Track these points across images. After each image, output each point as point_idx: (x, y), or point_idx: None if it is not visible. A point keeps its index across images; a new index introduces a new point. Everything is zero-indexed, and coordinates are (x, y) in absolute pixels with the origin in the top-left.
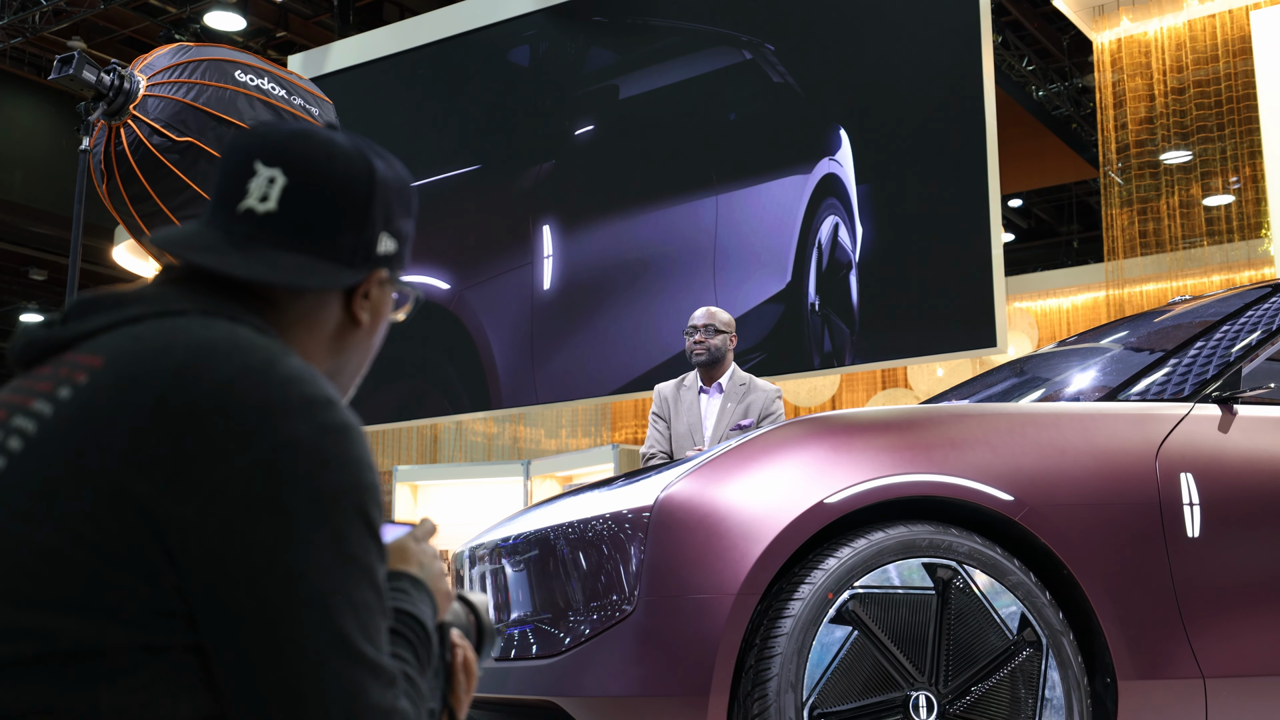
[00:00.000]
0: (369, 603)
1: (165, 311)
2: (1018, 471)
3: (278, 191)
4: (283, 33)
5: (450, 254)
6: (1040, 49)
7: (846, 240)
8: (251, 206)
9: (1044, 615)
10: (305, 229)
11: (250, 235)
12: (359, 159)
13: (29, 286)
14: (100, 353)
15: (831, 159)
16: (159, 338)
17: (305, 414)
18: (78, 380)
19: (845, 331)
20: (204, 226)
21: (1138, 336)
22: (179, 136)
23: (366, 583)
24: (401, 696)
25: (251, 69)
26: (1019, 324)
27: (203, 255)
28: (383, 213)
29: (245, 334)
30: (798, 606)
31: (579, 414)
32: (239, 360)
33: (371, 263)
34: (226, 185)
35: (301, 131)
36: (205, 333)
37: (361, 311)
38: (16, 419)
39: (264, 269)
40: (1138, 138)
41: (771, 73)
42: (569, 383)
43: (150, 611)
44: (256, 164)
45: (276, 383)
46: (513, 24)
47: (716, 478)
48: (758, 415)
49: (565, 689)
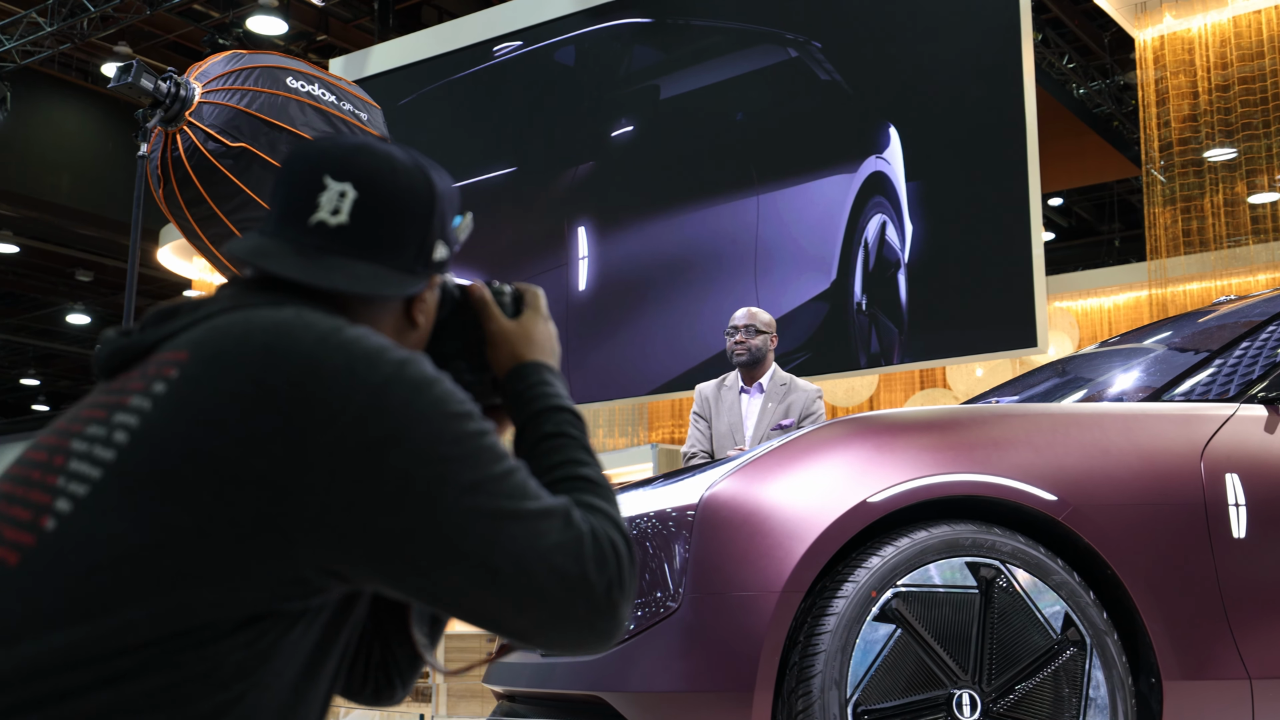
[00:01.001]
0: (505, 470)
1: (235, 307)
2: (1061, 471)
3: (349, 205)
4: (323, 36)
5: (486, 256)
6: (1081, 46)
7: (895, 239)
8: (324, 219)
9: (1088, 615)
10: (375, 240)
11: (322, 247)
12: (419, 172)
13: (75, 288)
14: (183, 348)
15: (879, 157)
16: (235, 326)
17: (382, 358)
18: (169, 375)
19: (894, 331)
20: (272, 239)
21: (1182, 337)
22: (233, 142)
23: (493, 457)
24: (582, 509)
25: (302, 75)
26: (1060, 324)
27: (278, 265)
28: (440, 222)
29: (309, 312)
30: (842, 604)
31: (616, 414)
32: (313, 332)
33: (430, 269)
34: (295, 198)
35: (363, 146)
36: (276, 314)
37: (419, 315)
38: (118, 415)
39: (340, 279)
40: (1181, 135)
41: (819, 70)
42: (605, 383)
43: (279, 579)
44: (326, 178)
45: (350, 341)
46: (552, 25)
47: (760, 477)
48: (798, 415)
49: (611, 684)
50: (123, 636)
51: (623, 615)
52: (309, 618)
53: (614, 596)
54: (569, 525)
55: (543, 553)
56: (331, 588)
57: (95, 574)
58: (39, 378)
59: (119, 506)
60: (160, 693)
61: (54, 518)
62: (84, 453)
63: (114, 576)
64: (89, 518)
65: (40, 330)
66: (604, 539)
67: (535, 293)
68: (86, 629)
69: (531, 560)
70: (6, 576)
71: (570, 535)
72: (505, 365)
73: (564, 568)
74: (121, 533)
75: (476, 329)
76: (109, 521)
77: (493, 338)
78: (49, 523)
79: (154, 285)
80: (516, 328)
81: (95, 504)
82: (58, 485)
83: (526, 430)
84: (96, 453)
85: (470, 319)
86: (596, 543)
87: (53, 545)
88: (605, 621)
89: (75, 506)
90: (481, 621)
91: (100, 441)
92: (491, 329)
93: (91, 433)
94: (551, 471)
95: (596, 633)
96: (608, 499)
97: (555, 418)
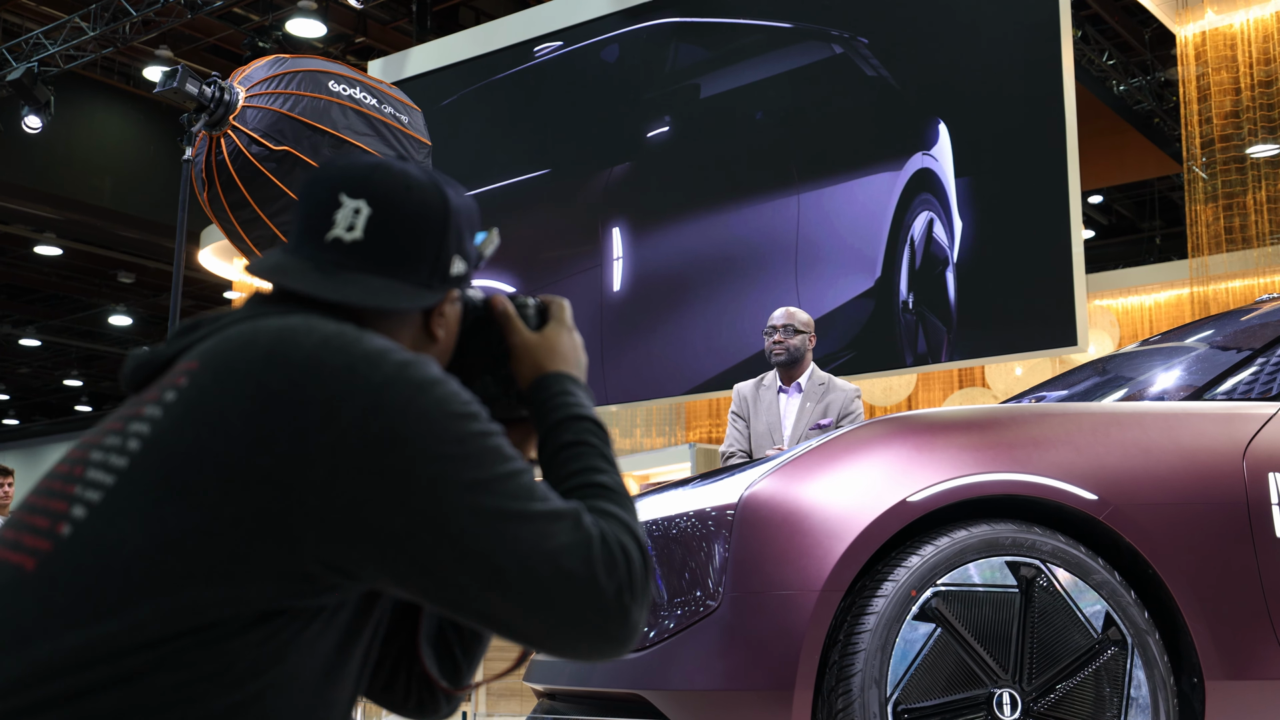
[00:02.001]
0: (511, 470)
1: (249, 317)
2: (1101, 471)
3: (363, 221)
4: (361, 38)
5: (520, 257)
6: (1121, 43)
7: (943, 236)
8: (339, 235)
9: (1129, 614)
10: (389, 255)
11: (338, 262)
12: (434, 189)
13: (118, 289)
14: (195, 357)
15: (926, 154)
16: (244, 334)
17: (385, 358)
18: (179, 383)
19: (941, 330)
20: (292, 255)
21: (1224, 335)
22: (276, 145)
23: (498, 457)
24: (594, 514)
25: (344, 79)
26: (1100, 322)
27: (295, 280)
28: (455, 237)
29: (317, 318)
30: (881, 603)
31: (653, 413)
32: (317, 335)
33: (447, 284)
34: (313, 216)
35: (380, 164)
36: (283, 321)
37: (438, 328)
38: (133, 425)
39: (355, 292)
40: (1223, 132)
41: (865, 66)
42: (643, 383)
43: (286, 576)
44: (341, 196)
45: (353, 342)
46: (591, 26)
47: (800, 476)
48: (837, 415)
49: (651, 682)
50: (134, 636)
51: (636, 620)
52: (324, 617)
53: (624, 600)
54: (578, 528)
55: (549, 554)
56: (342, 585)
57: (107, 576)
58: (82, 378)
59: (130, 511)
60: (173, 691)
61: (70, 524)
62: (100, 462)
63: (125, 578)
64: (102, 523)
65: (83, 332)
66: (614, 543)
67: (560, 304)
68: (98, 629)
69: (537, 561)
70: (23, 581)
71: (578, 538)
72: (528, 377)
73: (572, 570)
74: (132, 535)
75: (501, 342)
76: (120, 525)
77: (516, 350)
78: (65, 529)
79: (196, 286)
80: (539, 340)
81: (108, 509)
82: (75, 494)
83: (547, 440)
84: (111, 461)
85: (494, 332)
86: (606, 546)
87: (67, 550)
88: (617, 626)
89: (90, 512)
90: (493, 625)
91: (115, 450)
92: (514, 341)
93: (109, 443)
94: (568, 479)
95: (609, 637)
96: (623, 505)
97: (575, 426)
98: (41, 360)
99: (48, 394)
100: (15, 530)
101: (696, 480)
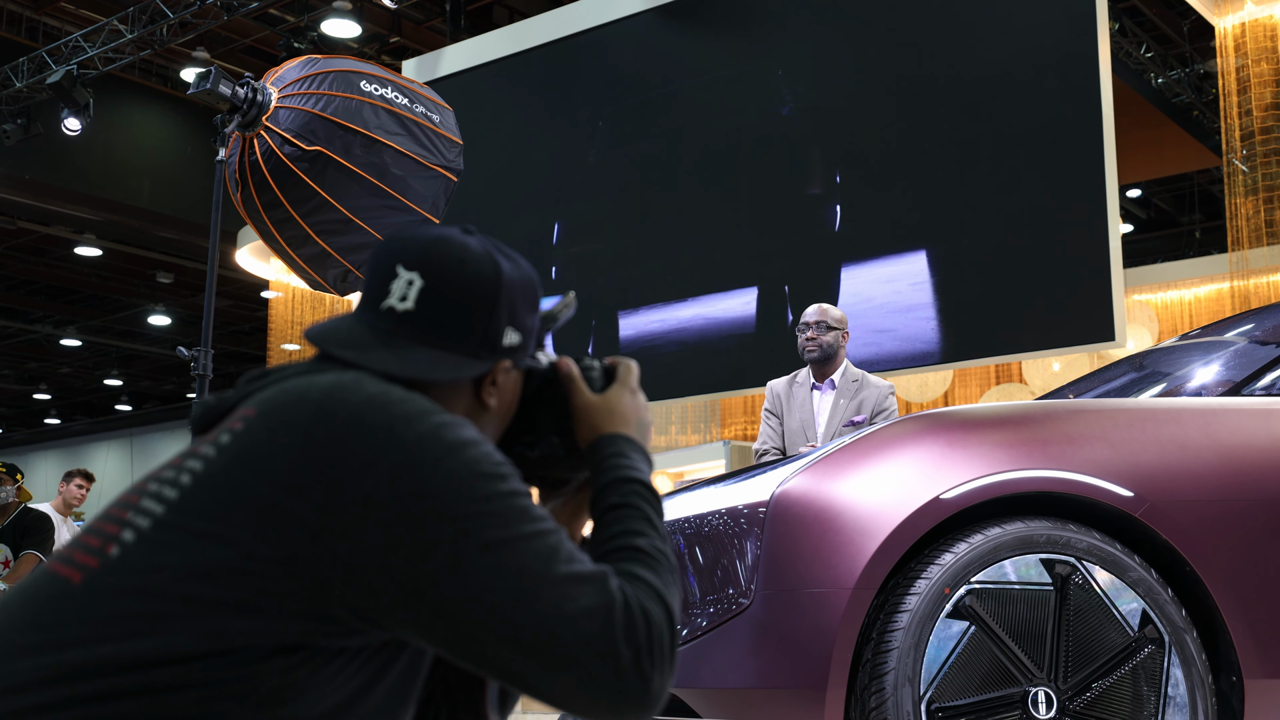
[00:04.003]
0: (536, 531)
1: (308, 372)
2: (1138, 467)
3: (415, 292)
4: (396, 38)
5: (553, 254)
6: (1159, 35)
7: (965, 233)
8: (392, 305)
9: (1166, 612)
10: (438, 326)
11: (391, 331)
12: (488, 263)
13: (156, 289)
14: (254, 405)
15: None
16: (299, 388)
17: (423, 418)
18: (235, 428)
19: (965, 325)
20: (353, 321)
21: (1264, 329)
22: (308, 146)
23: (524, 518)
24: (623, 578)
25: (376, 79)
26: (1138, 317)
27: (345, 350)
28: (507, 310)
29: (369, 378)
30: (914, 601)
31: (688, 411)
32: (364, 393)
33: (497, 355)
34: (373, 284)
35: (439, 238)
36: (337, 378)
37: (489, 397)
38: (189, 462)
39: (396, 363)
40: (1263, 124)
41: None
42: (680, 378)
43: (311, 616)
44: (398, 267)
45: (395, 402)
46: (623, 24)
47: (832, 473)
48: (870, 411)
49: (683, 680)
50: (162, 652)
51: (657, 687)
52: (347, 656)
53: (643, 667)
54: (601, 592)
55: (569, 617)
56: (367, 631)
57: (144, 597)
58: (121, 378)
59: (173, 540)
60: (196, 705)
61: (118, 545)
62: (155, 492)
63: (161, 601)
64: (146, 547)
65: (122, 332)
66: (636, 609)
67: (627, 366)
68: (131, 644)
69: (555, 623)
70: (69, 593)
71: (599, 602)
72: (587, 438)
73: (590, 634)
74: (171, 562)
75: (566, 404)
76: (163, 552)
77: (577, 412)
78: (113, 550)
79: (232, 286)
80: (601, 402)
81: (154, 536)
82: (127, 519)
83: (596, 501)
84: (165, 493)
85: (560, 394)
86: (628, 612)
87: (112, 570)
88: (636, 692)
89: (137, 537)
90: (514, 683)
91: (170, 483)
92: (577, 403)
93: (165, 475)
94: (608, 541)
95: (627, 702)
96: (657, 570)
97: (623, 488)
98: (82, 360)
99: (88, 394)
100: (71, 548)
101: (729, 478)
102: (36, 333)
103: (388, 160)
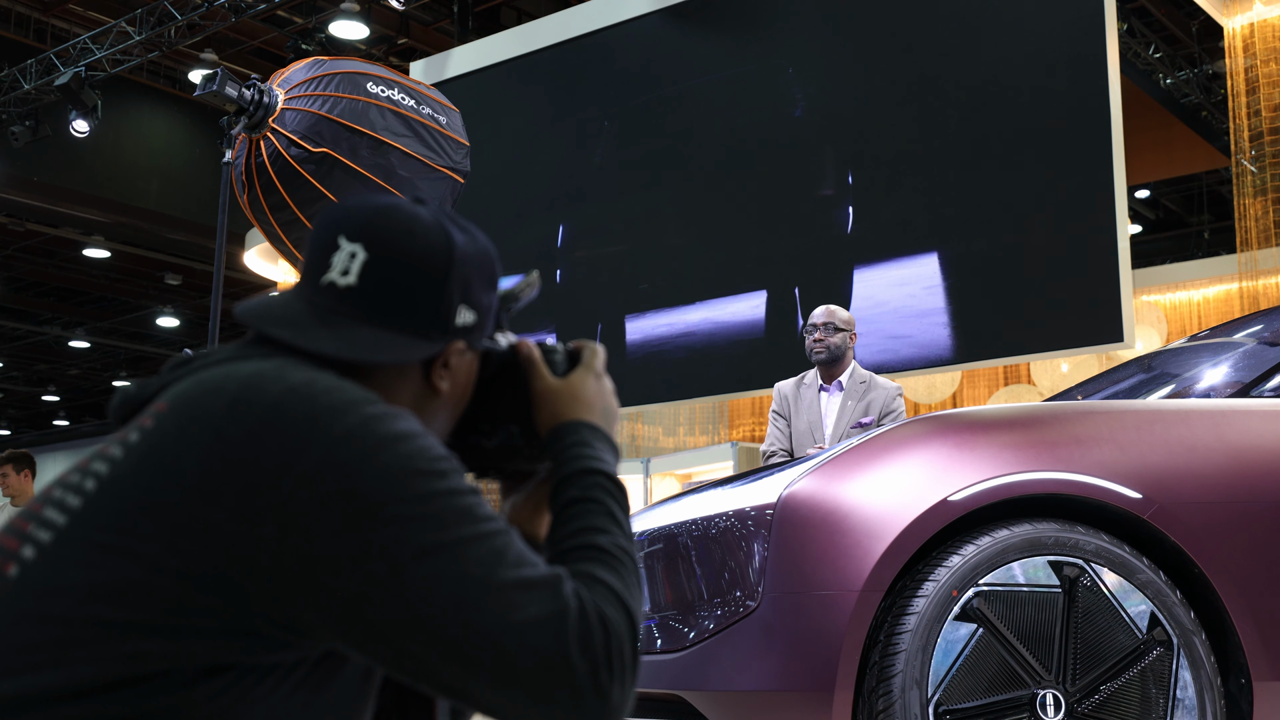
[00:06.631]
0: (478, 533)
1: (229, 359)
2: (1146, 469)
3: (358, 266)
4: (404, 39)
5: (559, 257)
6: (1168, 35)
7: (975, 233)
8: (333, 280)
9: (1174, 614)
10: (383, 303)
11: (331, 308)
12: (439, 234)
13: (164, 291)
14: (166, 399)
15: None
16: (215, 379)
17: (351, 410)
18: (145, 425)
19: (972, 327)
20: (291, 298)
21: (1272, 330)
22: (314, 147)
23: (465, 519)
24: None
25: (382, 80)
26: (1147, 318)
27: (281, 329)
28: (460, 286)
29: (294, 365)
30: (922, 603)
31: (696, 412)
32: (284, 382)
33: (449, 335)
34: (312, 258)
35: (386, 207)
36: (258, 368)
37: (440, 381)
38: (94, 464)
39: (336, 343)
40: (1272, 124)
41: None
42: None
43: (232, 632)
44: (340, 239)
45: (321, 393)
46: (632, 24)
47: (839, 475)
48: (878, 413)
49: (691, 683)
50: (70, 685)
51: (617, 700)
52: (282, 673)
53: (600, 679)
54: (553, 598)
55: (516, 627)
56: (296, 644)
57: (45, 623)
58: (130, 380)
59: (76, 555)
60: None
61: (18, 564)
62: (58, 500)
63: (64, 626)
64: (47, 565)
65: (131, 333)
66: (593, 615)
67: (592, 349)
68: (33, 679)
69: (501, 634)
70: None
71: (550, 610)
72: (547, 425)
73: (540, 645)
74: (74, 582)
75: (526, 389)
76: (65, 570)
77: (537, 397)
78: (12, 569)
79: (240, 288)
80: (563, 386)
81: (56, 551)
82: (28, 531)
83: (556, 494)
84: (67, 500)
85: (519, 378)
86: (584, 619)
87: (11, 593)
88: (593, 708)
89: (38, 553)
90: (461, 700)
91: (73, 489)
92: (537, 388)
93: (71, 480)
94: (566, 539)
95: (585, 719)
96: (617, 571)
97: (584, 481)
98: (91, 362)
99: (97, 395)
100: None
101: (736, 479)
102: (45, 334)
103: (394, 162)
